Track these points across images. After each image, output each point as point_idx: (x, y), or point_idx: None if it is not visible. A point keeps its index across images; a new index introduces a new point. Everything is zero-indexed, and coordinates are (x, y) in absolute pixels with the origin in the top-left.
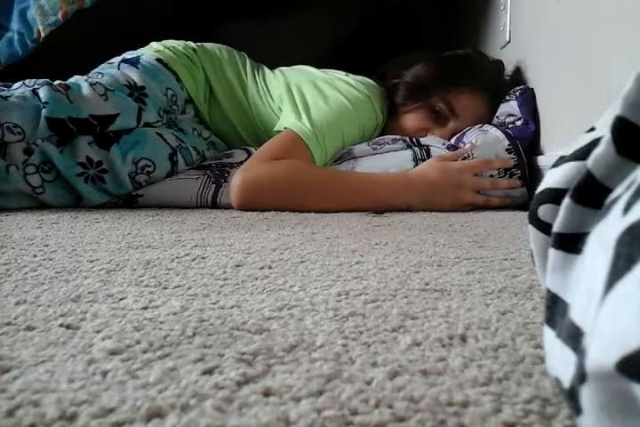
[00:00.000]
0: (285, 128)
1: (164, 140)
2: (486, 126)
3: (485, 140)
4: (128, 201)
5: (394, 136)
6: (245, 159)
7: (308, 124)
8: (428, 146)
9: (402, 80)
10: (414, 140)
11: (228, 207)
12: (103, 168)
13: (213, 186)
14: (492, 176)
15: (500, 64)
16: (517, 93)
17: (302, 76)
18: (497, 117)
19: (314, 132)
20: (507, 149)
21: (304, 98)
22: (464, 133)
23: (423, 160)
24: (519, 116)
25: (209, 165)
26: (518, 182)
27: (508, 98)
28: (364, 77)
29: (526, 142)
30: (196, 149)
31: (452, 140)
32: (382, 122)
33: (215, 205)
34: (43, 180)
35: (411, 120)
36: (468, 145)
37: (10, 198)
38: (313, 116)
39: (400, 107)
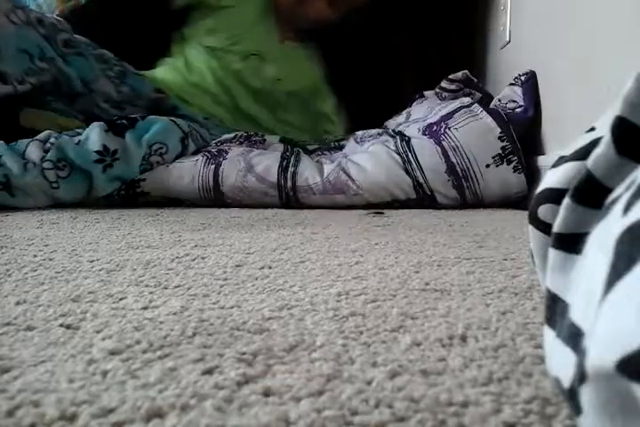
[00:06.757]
0: None
1: (177, 125)
2: (475, 107)
3: (475, 128)
4: (131, 186)
5: (377, 130)
6: (241, 136)
7: None
8: (409, 137)
9: None
10: (396, 130)
11: (230, 189)
12: (117, 157)
13: (212, 166)
14: (487, 166)
15: None
16: (523, 79)
17: None
18: (499, 100)
19: None
20: (499, 137)
21: None
22: (451, 114)
23: (406, 153)
24: (521, 104)
25: (206, 148)
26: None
27: (513, 82)
28: None
29: (521, 128)
30: (204, 140)
31: (435, 119)
32: None
33: (217, 185)
34: (57, 176)
35: None
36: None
37: (27, 196)
38: None
39: None
